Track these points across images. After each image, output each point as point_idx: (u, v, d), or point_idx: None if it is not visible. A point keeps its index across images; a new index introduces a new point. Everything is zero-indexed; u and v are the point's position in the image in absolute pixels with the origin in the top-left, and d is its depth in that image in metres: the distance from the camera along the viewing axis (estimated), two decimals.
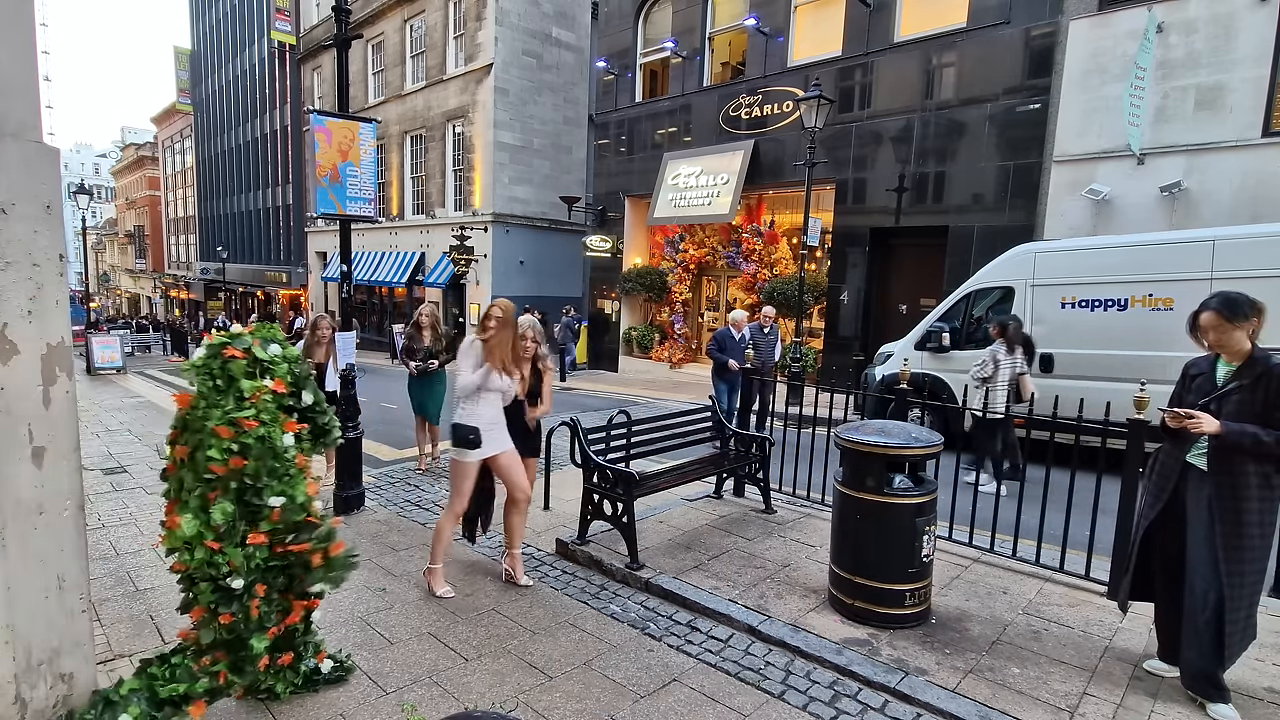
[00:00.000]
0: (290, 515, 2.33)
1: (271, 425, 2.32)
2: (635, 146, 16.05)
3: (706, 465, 5.25)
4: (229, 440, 2.21)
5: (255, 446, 2.26)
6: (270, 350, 2.42)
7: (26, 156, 1.98)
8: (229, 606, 2.26)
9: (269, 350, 2.42)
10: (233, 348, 2.35)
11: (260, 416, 2.30)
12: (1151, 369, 5.78)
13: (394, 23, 22.54)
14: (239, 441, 2.23)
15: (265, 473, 2.27)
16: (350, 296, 5.87)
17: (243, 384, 2.29)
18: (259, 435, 2.27)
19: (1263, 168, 8.06)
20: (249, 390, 2.29)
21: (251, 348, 2.38)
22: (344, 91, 5.65)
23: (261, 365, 2.38)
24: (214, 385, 2.29)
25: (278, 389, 2.37)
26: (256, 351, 2.38)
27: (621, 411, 4.93)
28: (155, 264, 50.48)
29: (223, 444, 2.20)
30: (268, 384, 2.34)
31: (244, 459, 2.24)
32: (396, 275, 22.21)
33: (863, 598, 3.53)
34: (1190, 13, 8.55)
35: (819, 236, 12.11)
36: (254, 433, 2.26)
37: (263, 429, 2.28)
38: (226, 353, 2.34)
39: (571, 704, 2.95)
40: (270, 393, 2.34)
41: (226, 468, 2.21)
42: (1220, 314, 2.75)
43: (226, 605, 2.26)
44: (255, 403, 2.30)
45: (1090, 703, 2.90)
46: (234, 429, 2.23)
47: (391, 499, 5.86)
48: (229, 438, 2.21)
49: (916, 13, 11.31)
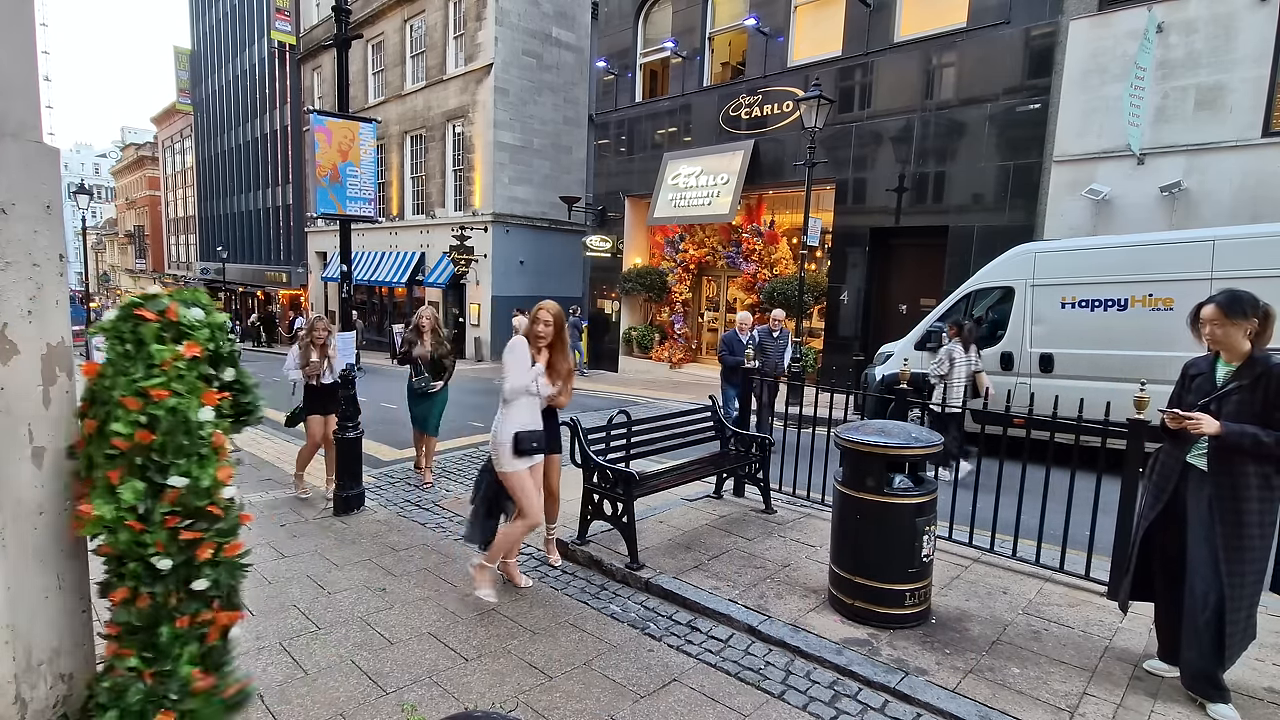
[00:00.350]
0: (190, 500, 2.07)
1: (187, 396, 2.07)
2: (635, 146, 16.05)
3: (706, 465, 5.24)
4: (136, 412, 1.99)
5: (165, 419, 2.02)
6: (191, 313, 2.17)
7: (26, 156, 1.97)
8: (152, 587, 2.06)
9: (189, 313, 2.17)
10: (145, 309, 2.09)
11: (172, 385, 2.04)
12: (1151, 369, 5.78)
13: (394, 23, 22.54)
14: (147, 413, 2.00)
15: (172, 450, 2.03)
16: (350, 296, 5.88)
17: (153, 349, 2.05)
18: (170, 407, 2.03)
19: (1263, 168, 8.06)
20: (159, 356, 2.05)
21: (167, 310, 2.12)
22: (344, 91, 5.66)
23: (178, 329, 2.12)
24: (123, 351, 2.04)
25: (190, 353, 2.11)
26: (174, 314, 2.12)
27: (621, 411, 4.93)
28: (155, 264, 50.47)
29: (129, 416, 1.98)
30: (180, 349, 2.09)
31: (151, 433, 2.01)
32: (396, 275, 22.20)
33: (863, 598, 3.53)
34: (1190, 13, 8.55)
35: (819, 236, 12.10)
36: (164, 404, 2.02)
37: (174, 400, 2.04)
38: (138, 314, 2.08)
39: (571, 704, 2.95)
40: (184, 360, 2.09)
41: (132, 442, 1.99)
42: (1221, 308, 2.76)
43: (150, 586, 2.06)
44: (166, 370, 2.05)
45: (1090, 703, 2.90)
46: (142, 400, 2.00)
47: (391, 499, 5.86)
48: (136, 409, 1.99)
49: (916, 13, 11.31)
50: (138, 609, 2.04)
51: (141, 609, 2.05)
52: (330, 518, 5.37)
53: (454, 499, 5.86)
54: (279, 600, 3.91)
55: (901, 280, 12.08)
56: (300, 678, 3.12)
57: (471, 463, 7.16)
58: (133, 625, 2.05)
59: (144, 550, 2.02)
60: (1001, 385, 6.84)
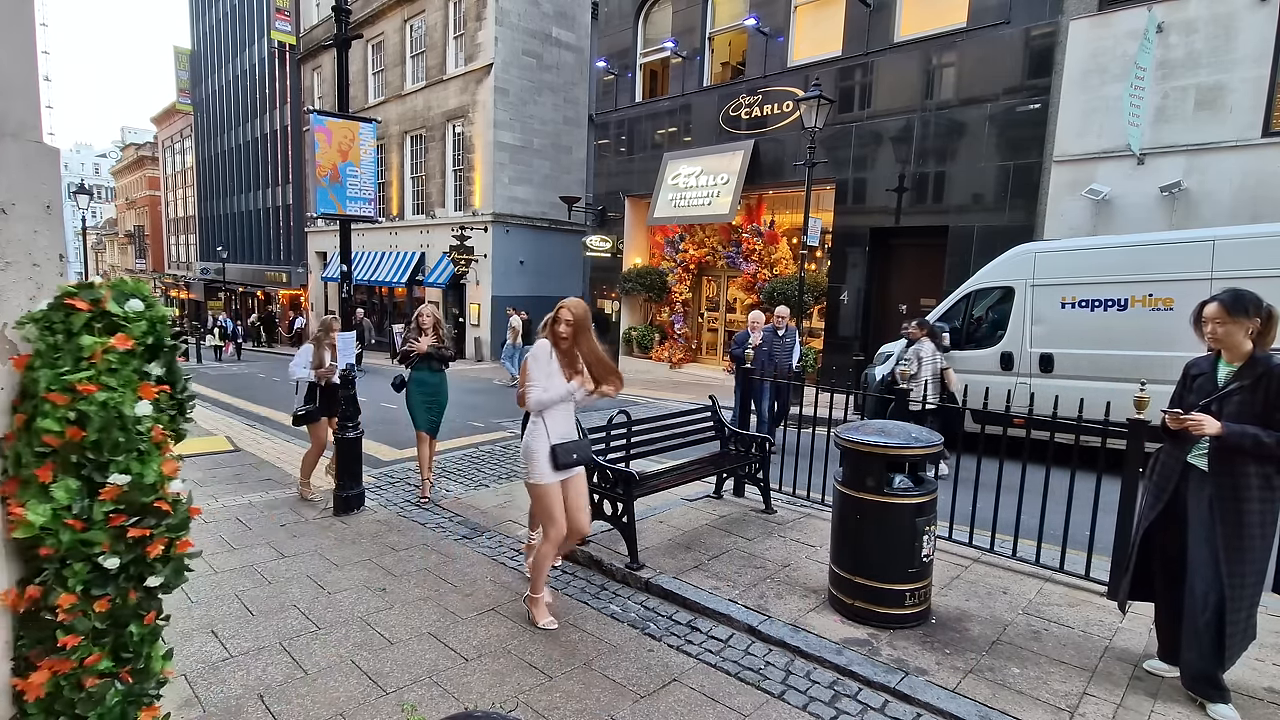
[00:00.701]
0: (135, 496, 1.98)
1: (120, 390, 1.97)
2: (635, 146, 16.05)
3: (706, 465, 5.25)
4: (65, 407, 1.89)
5: (96, 415, 1.92)
6: (129, 305, 2.06)
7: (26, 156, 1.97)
8: (104, 588, 1.97)
9: (127, 304, 2.05)
10: (77, 298, 1.97)
11: (103, 379, 1.94)
12: (1151, 369, 5.78)
13: (394, 23, 22.54)
14: (75, 409, 1.90)
15: (109, 447, 1.94)
16: (350, 296, 5.87)
17: (83, 340, 1.94)
18: (101, 402, 1.93)
19: (1263, 168, 8.06)
20: (90, 348, 1.94)
21: (100, 300, 2.01)
22: (344, 91, 5.66)
23: (111, 320, 2.01)
24: (52, 343, 1.93)
25: (121, 345, 1.99)
26: (108, 305, 2.01)
27: (621, 411, 4.93)
28: (155, 264, 50.47)
29: (57, 411, 1.89)
30: (111, 341, 1.97)
31: (81, 429, 1.91)
32: (396, 275, 22.21)
33: (863, 598, 3.53)
34: (1190, 13, 8.54)
35: (819, 236, 12.10)
36: (94, 399, 1.92)
37: (105, 395, 1.94)
38: (70, 304, 1.96)
39: (571, 704, 2.94)
40: (116, 353, 1.98)
41: (62, 439, 1.89)
42: (1223, 306, 2.76)
43: (102, 588, 1.96)
44: (96, 363, 1.95)
45: (1090, 703, 2.90)
46: (70, 395, 1.90)
47: (391, 499, 5.86)
48: (64, 404, 1.89)
49: (916, 13, 11.31)
50: (98, 612, 1.97)
51: (102, 612, 1.97)
52: (330, 518, 5.37)
53: (454, 499, 5.86)
54: (279, 600, 3.91)
55: (901, 280, 12.08)
56: (300, 678, 3.12)
57: (471, 463, 7.16)
58: (97, 629, 1.98)
59: (89, 550, 1.94)
60: (1001, 385, 6.83)
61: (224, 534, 4.94)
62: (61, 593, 1.94)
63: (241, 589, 4.05)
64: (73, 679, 1.98)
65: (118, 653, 2.03)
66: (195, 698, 2.96)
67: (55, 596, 1.94)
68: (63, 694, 1.98)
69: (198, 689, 3.02)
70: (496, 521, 5.29)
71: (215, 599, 3.89)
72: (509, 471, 6.81)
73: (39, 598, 1.95)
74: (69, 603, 1.94)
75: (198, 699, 2.95)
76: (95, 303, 2.00)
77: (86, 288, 2.02)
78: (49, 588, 1.96)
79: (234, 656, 3.30)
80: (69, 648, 1.95)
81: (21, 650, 1.98)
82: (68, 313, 1.95)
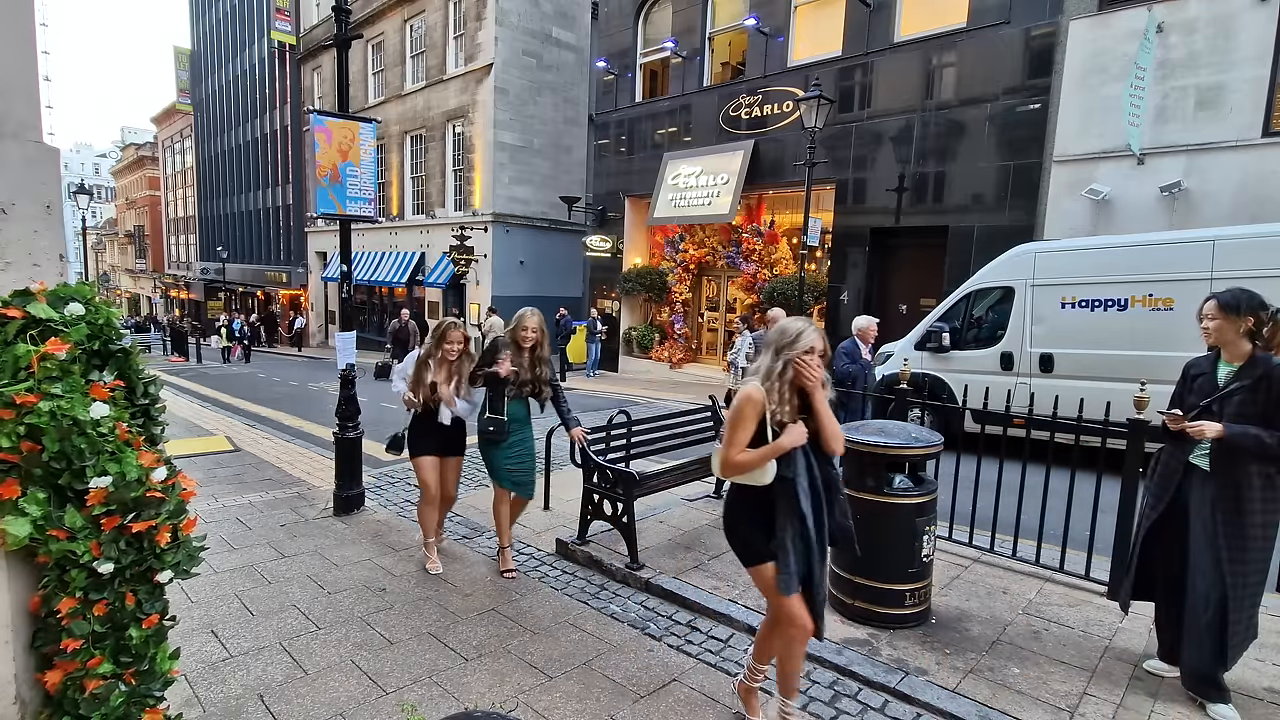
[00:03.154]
0: (124, 493, 1.93)
1: (67, 396, 1.89)
2: (635, 146, 16.05)
3: (706, 465, 5.24)
4: (12, 422, 1.83)
5: (48, 426, 1.85)
6: (69, 309, 1.98)
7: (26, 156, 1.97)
8: (100, 593, 1.95)
9: (67, 309, 1.98)
10: (12, 306, 1.89)
11: (43, 388, 1.87)
12: (1151, 369, 5.78)
13: (394, 23, 22.54)
14: (24, 423, 1.83)
15: (75, 453, 1.88)
16: (350, 296, 5.88)
17: (18, 350, 1.87)
18: (49, 412, 1.85)
19: (1263, 168, 8.06)
20: (25, 357, 1.87)
21: (31, 305, 1.92)
22: (344, 91, 5.66)
23: (46, 327, 1.93)
24: None
25: (54, 350, 1.91)
26: (35, 310, 1.92)
27: (621, 411, 4.93)
28: (155, 264, 50.47)
29: (5, 427, 1.82)
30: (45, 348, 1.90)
31: (36, 443, 1.85)
32: (396, 275, 22.21)
33: (863, 598, 3.53)
34: (1190, 13, 8.54)
35: (819, 236, 12.10)
36: (39, 409, 1.84)
37: (51, 404, 1.86)
38: (5, 314, 1.89)
39: (571, 704, 2.94)
40: (55, 359, 1.91)
41: (19, 455, 1.84)
42: (1218, 302, 2.76)
43: (99, 593, 1.94)
44: (34, 372, 1.87)
45: (1090, 703, 2.90)
46: (14, 409, 1.83)
47: (391, 499, 5.86)
48: (11, 419, 1.83)
49: (916, 13, 11.31)
50: (96, 616, 1.95)
51: (100, 615, 1.96)
52: (330, 518, 5.37)
53: None
54: (279, 600, 3.91)
55: (901, 280, 12.07)
56: (300, 678, 3.12)
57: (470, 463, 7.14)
58: (97, 633, 1.98)
59: (79, 557, 1.91)
60: (1001, 385, 6.83)
61: (224, 534, 4.93)
62: (62, 597, 1.93)
63: (241, 589, 4.05)
64: (76, 680, 1.98)
65: (118, 656, 2.02)
66: (195, 698, 2.95)
67: (57, 601, 1.93)
68: (68, 694, 1.99)
69: (198, 689, 3.02)
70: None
71: (215, 599, 3.89)
72: None
73: (42, 604, 1.95)
74: (69, 607, 1.93)
75: (198, 699, 2.95)
76: (27, 310, 1.92)
77: (21, 294, 1.94)
78: (51, 593, 1.95)
79: (234, 656, 3.30)
80: (70, 651, 1.94)
81: (39, 649, 2.01)
82: (1, 323, 1.88)
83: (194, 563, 2.16)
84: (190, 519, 2.14)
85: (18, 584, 1.96)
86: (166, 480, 2.06)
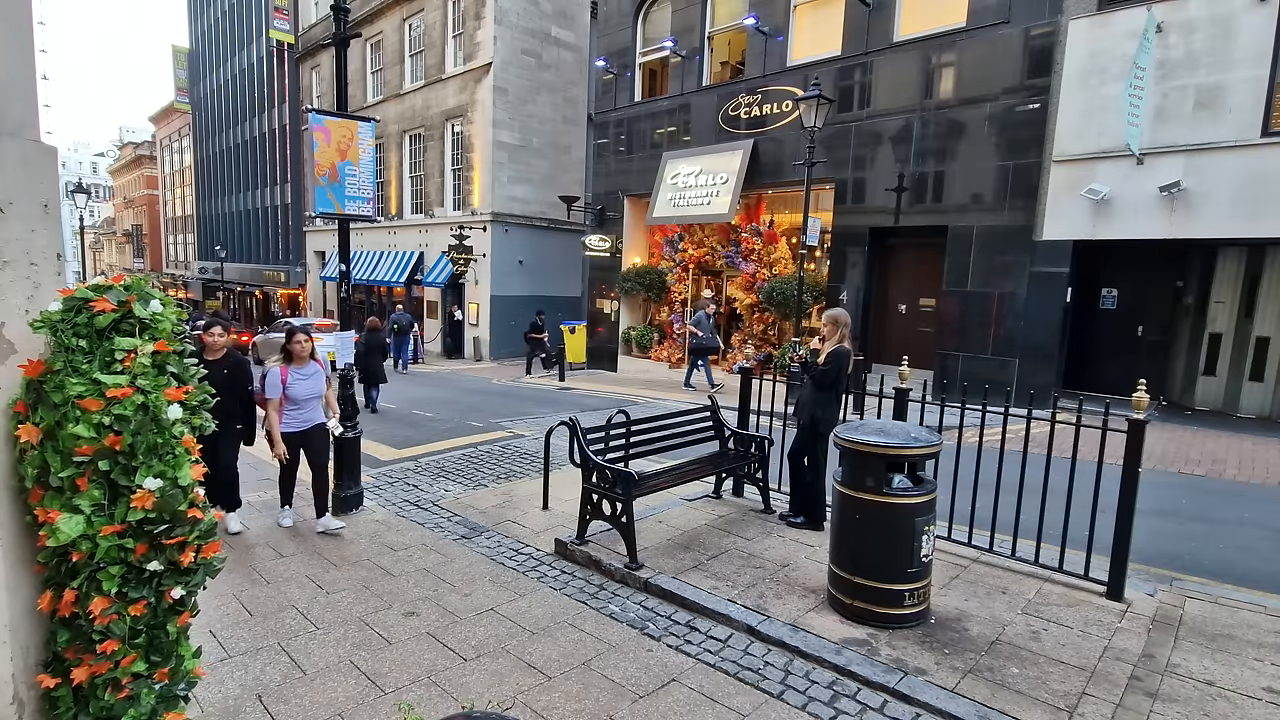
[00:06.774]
0: (171, 503, 1.92)
1: (154, 393, 1.92)
2: (634, 146, 16.03)
3: (705, 465, 5.24)
4: (99, 413, 1.83)
5: (135, 418, 1.86)
6: (151, 307, 2.01)
7: (24, 155, 1.97)
8: (140, 592, 1.93)
9: (149, 307, 2.00)
10: (103, 299, 1.91)
11: (138, 382, 1.89)
12: None
13: (393, 21, 22.51)
14: (111, 414, 1.84)
15: (143, 450, 1.89)
16: (349, 296, 5.87)
17: (118, 343, 1.89)
18: (139, 404, 1.87)
19: (1262, 168, 8.06)
20: (123, 351, 1.90)
21: (126, 301, 1.95)
22: (342, 90, 5.65)
23: (139, 323, 1.96)
24: (77, 346, 1.87)
25: (158, 348, 1.96)
26: (134, 308, 1.96)
27: (620, 411, 4.93)
28: (153, 263, 50.41)
29: (91, 419, 1.82)
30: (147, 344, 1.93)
31: (119, 436, 1.86)
32: (395, 275, 22.18)
33: (862, 598, 3.53)
34: (1190, 13, 8.55)
35: (818, 236, 12.09)
36: (130, 402, 1.86)
37: (141, 397, 1.89)
38: (94, 306, 1.90)
39: (570, 704, 2.94)
40: (148, 355, 1.93)
41: (97, 447, 1.85)
42: None
43: (139, 591, 1.93)
44: (129, 366, 1.90)
45: (1089, 703, 2.90)
46: (105, 401, 1.84)
47: (390, 499, 5.86)
48: (98, 409, 1.83)
49: (916, 12, 11.30)
50: (133, 615, 1.94)
51: (138, 615, 1.95)
52: (329, 517, 5.36)
53: (453, 499, 5.85)
54: (277, 600, 3.90)
55: (901, 280, 12.08)
56: (299, 678, 3.12)
57: (470, 463, 7.15)
58: (135, 630, 1.97)
59: (126, 554, 1.90)
60: None
61: (223, 534, 4.93)
62: (96, 596, 1.91)
63: (240, 589, 4.04)
64: (108, 681, 1.96)
65: (149, 655, 2.02)
66: (194, 697, 2.95)
67: (90, 601, 1.91)
68: (97, 695, 1.97)
69: (196, 689, 3.01)
70: (495, 521, 5.29)
71: (214, 599, 3.88)
72: (508, 471, 6.80)
73: (74, 601, 1.93)
74: (102, 606, 1.91)
75: (196, 699, 2.94)
76: (121, 304, 1.95)
77: (106, 289, 1.97)
78: (85, 593, 1.93)
79: (232, 656, 3.29)
80: (108, 653, 1.93)
81: (55, 649, 1.99)
82: (90, 315, 1.90)
83: (213, 574, 2.19)
84: (215, 542, 2.14)
85: (18, 585, 1.95)
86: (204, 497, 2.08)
